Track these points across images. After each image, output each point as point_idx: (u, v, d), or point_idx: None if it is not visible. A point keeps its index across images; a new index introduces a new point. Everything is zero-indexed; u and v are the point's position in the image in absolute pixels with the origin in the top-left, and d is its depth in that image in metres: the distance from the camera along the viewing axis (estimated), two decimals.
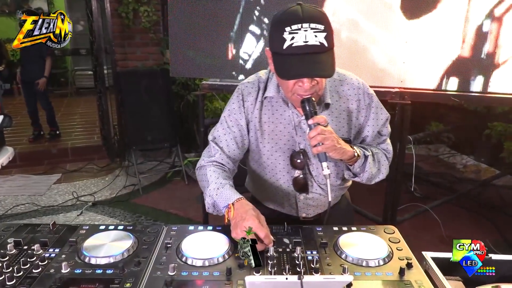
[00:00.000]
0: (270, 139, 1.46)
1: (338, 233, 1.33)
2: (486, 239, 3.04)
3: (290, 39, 1.18)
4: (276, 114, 1.44)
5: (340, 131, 1.44)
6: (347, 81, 1.44)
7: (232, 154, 1.46)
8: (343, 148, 1.30)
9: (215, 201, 1.33)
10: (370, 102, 1.45)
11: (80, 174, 4.69)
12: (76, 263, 1.16)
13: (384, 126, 1.50)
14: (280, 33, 1.20)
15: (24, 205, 3.85)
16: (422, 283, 1.09)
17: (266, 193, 1.57)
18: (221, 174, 1.39)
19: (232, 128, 1.46)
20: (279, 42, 1.20)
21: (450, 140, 5.09)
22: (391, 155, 1.52)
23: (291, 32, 1.18)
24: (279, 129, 1.45)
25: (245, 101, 1.45)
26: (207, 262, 1.16)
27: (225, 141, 1.46)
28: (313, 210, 1.55)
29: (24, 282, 1.08)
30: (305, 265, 1.16)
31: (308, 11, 1.21)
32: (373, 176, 1.44)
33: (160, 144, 4.49)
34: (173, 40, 2.83)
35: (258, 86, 1.45)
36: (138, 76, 4.35)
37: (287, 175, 1.49)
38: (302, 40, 1.17)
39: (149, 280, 1.10)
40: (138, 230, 1.34)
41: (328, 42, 1.20)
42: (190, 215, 3.64)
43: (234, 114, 1.46)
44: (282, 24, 1.20)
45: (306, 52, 1.18)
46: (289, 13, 1.22)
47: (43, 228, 1.36)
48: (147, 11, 4.61)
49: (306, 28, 1.17)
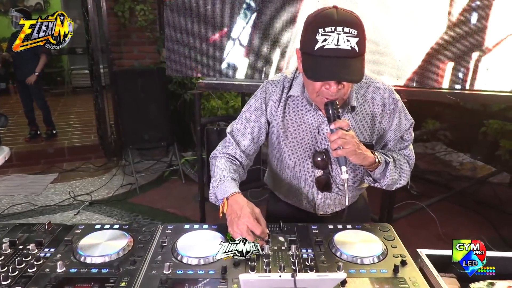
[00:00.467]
0: (292, 138, 1.47)
1: (333, 231, 1.33)
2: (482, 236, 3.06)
3: (322, 41, 1.17)
4: (299, 113, 1.44)
5: (363, 135, 1.43)
6: (374, 84, 1.43)
7: (247, 149, 1.48)
8: (364, 153, 1.29)
9: (215, 192, 1.36)
10: (395, 107, 1.44)
11: (77, 173, 4.68)
12: (72, 263, 1.16)
13: (407, 132, 1.48)
14: (312, 34, 1.19)
15: (20, 205, 3.84)
16: (416, 280, 1.10)
17: (285, 190, 1.59)
18: (227, 167, 1.40)
19: (250, 123, 1.47)
20: (310, 43, 1.19)
21: (446, 138, 5.11)
22: (413, 161, 1.50)
23: (323, 34, 1.17)
24: (302, 129, 1.45)
25: (268, 99, 1.45)
26: (202, 260, 1.16)
27: (242, 135, 1.47)
28: (330, 208, 1.57)
29: (19, 281, 1.08)
30: (300, 263, 1.16)
31: (343, 15, 1.20)
32: (394, 182, 1.43)
33: (157, 143, 4.49)
34: (169, 39, 2.82)
35: (283, 85, 1.45)
36: (135, 75, 4.34)
37: (307, 174, 1.50)
38: (334, 43, 1.16)
39: (144, 279, 1.10)
40: (133, 229, 1.35)
41: (359, 47, 1.18)
42: (187, 214, 3.64)
43: (254, 110, 1.47)
44: (316, 25, 1.19)
45: (336, 56, 1.17)
46: (324, 15, 1.21)
47: (39, 228, 1.36)
48: (143, 10, 4.61)
49: (339, 32, 1.16)
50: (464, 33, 2.51)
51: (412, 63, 2.62)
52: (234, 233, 1.23)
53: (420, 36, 2.57)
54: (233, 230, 1.23)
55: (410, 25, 2.56)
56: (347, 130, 1.26)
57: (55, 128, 5.52)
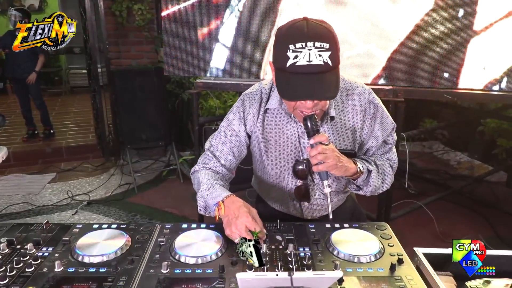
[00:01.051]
0: (274, 150, 1.46)
1: (330, 230, 1.34)
2: (479, 234, 3.07)
3: (293, 58, 1.14)
4: (279, 125, 1.43)
5: (344, 142, 1.43)
6: (353, 90, 1.41)
7: (228, 163, 1.47)
8: (345, 165, 1.29)
9: (206, 201, 1.35)
10: (376, 112, 1.42)
11: (74, 173, 4.67)
12: (69, 262, 1.17)
13: (389, 136, 1.47)
14: (283, 50, 1.16)
15: (18, 205, 3.83)
16: (412, 278, 1.10)
17: (272, 196, 1.59)
18: (212, 176, 1.41)
19: (230, 138, 1.46)
20: (282, 59, 1.17)
21: (444, 137, 5.13)
22: (396, 164, 1.50)
23: (294, 50, 1.14)
24: (283, 140, 1.44)
25: (247, 113, 1.43)
26: (200, 260, 1.17)
27: (221, 150, 1.46)
28: (318, 213, 1.57)
29: (17, 281, 1.08)
30: (297, 261, 1.17)
31: (314, 28, 1.17)
32: (377, 188, 1.43)
33: (155, 142, 4.48)
34: (167, 38, 2.82)
35: (261, 97, 1.43)
36: (132, 74, 4.33)
37: (291, 183, 1.49)
38: (306, 59, 1.14)
39: (142, 278, 1.10)
40: (131, 229, 1.35)
41: (332, 61, 1.16)
42: (186, 213, 3.64)
43: (233, 125, 1.45)
44: (286, 41, 1.16)
45: (309, 72, 1.15)
46: (294, 29, 1.18)
47: (36, 227, 1.37)
48: (141, 9, 4.60)
49: (310, 47, 1.13)
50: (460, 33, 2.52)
51: (410, 62, 2.63)
52: (232, 234, 1.22)
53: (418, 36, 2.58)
54: (231, 231, 1.22)
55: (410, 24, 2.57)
56: (327, 144, 1.25)
57: (52, 128, 5.50)
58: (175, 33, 2.77)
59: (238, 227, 1.21)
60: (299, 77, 1.16)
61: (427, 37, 2.56)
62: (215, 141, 1.48)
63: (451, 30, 2.53)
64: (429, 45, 2.57)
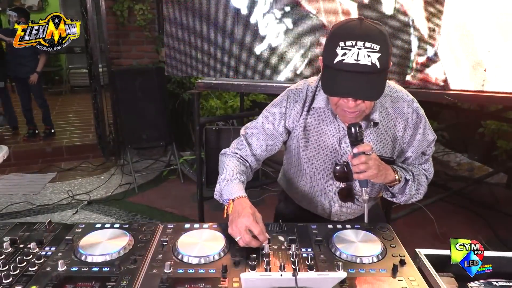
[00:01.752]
0: (312, 148, 1.46)
1: (332, 230, 1.34)
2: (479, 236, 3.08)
3: (341, 55, 1.15)
4: (322, 124, 1.42)
5: (384, 149, 1.43)
6: (398, 98, 1.41)
7: (259, 154, 1.48)
8: (385, 173, 1.30)
9: (222, 191, 1.36)
10: (418, 122, 1.42)
11: (75, 172, 4.67)
12: (72, 261, 1.17)
13: (429, 147, 1.47)
14: (333, 46, 1.17)
15: (19, 204, 3.83)
16: (414, 279, 1.11)
17: (300, 195, 1.59)
18: (237, 167, 1.40)
19: (267, 130, 1.46)
20: (330, 55, 1.18)
21: (444, 138, 5.13)
22: (431, 176, 1.51)
23: (344, 47, 1.15)
24: (323, 140, 1.44)
25: (290, 109, 1.43)
26: (203, 259, 1.17)
27: (255, 139, 1.47)
28: (345, 216, 1.58)
29: (21, 280, 1.08)
30: (299, 262, 1.17)
31: (367, 29, 1.17)
32: (411, 197, 1.44)
33: (155, 142, 4.48)
34: (168, 38, 2.82)
35: (306, 94, 1.42)
36: (133, 74, 4.34)
37: (325, 184, 1.50)
38: (354, 58, 1.14)
39: (145, 278, 1.10)
40: (134, 228, 1.35)
41: (381, 63, 1.15)
42: (186, 213, 3.65)
43: (273, 118, 1.45)
44: (337, 38, 1.17)
45: (355, 71, 1.15)
46: (347, 27, 1.19)
47: (39, 227, 1.37)
48: (142, 9, 4.60)
49: (360, 46, 1.14)
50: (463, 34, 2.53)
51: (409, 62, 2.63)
52: (233, 232, 1.23)
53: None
54: (232, 229, 1.24)
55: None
56: (370, 153, 1.25)
57: (53, 127, 5.50)
58: (177, 33, 2.77)
59: (238, 226, 1.22)
60: (344, 74, 1.16)
61: None
62: (251, 129, 1.49)
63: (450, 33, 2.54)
64: None
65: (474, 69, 2.55)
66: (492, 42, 2.49)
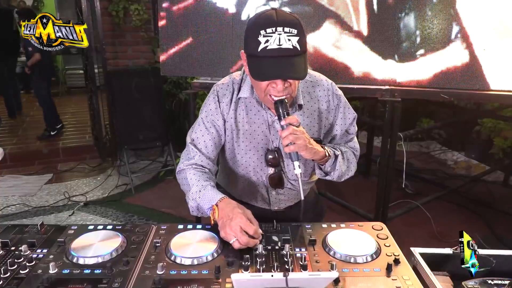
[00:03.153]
0: (244, 138, 1.49)
1: (326, 230, 1.34)
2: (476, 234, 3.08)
3: (264, 42, 1.21)
4: (250, 114, 1.47)
5: (311, 131, 1.49)
6: (318, 82, 1.50)
7: (211, 154, 1.50)
8: (315, 148, 1.34)
9: (198, 203, 1.36)
10: (339, 103, 1.51)
11: (71, 174, 4.66)
12: (64, 264, 1.16)
13: (351, 125, 1.56)
14: (255, 36, 1.23)
15: (15, 206, 3.82)
16: (409, 278, 1.10)
17: (239, 189, 1.62)
18: (201, 176, 1.42)
19: (210, 129, 1.49)
20: (254, 45, 1.23)
21: (441, 136, 5.14)
22: (358, 153, 1.59)
23: (265, 35, 1.21)
24: (253, 129, 1.48)
25: (221, 102, 1.48)
26: (196, 260, 1.16)
27: (203, 142, 1.49)
28: (284, 203, 1.62)
29: (12, 283, 1.07)
30: (293, 262, 1.16)
31: (283, 16, 1.25)
32: (343, 174, 1.49)
33: (152, 143, 4.47)
34: (163, 39, 2.82)
35: (233, 87, 1.48)
36: (129, 75, 4.33)
37: (260, 172, 1.53)
38: (276, 43, 1.21)
39: (137, 279, 1.09)
40: (127, 230, 1.34)
41: (301, 46, 1.23)
42: (183, 214, 3.63)
43: (211, 115, 1.49)
44: (257, 27, 1.23)
45: (280, 55, 1.21)
46: (264, 17, 1.25)
47: (31, 229, 1.36)
48: (137, 10, 4.59)
49: (280, 32, 1.21)
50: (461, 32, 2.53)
51: (407, 62, 2.63)
52: (227, 235, 1.22)
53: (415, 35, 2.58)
54: (226, 233, 1.23)
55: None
56: (297, 126, 1.30)
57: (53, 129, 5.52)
58: (172, 33, 2.76)
59: (233, 229, 1.22)
60: (270, 60, 1.23)
61: None
62: (195, 134, 1.50)
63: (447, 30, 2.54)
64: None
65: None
66: (487, 40, 2.50)
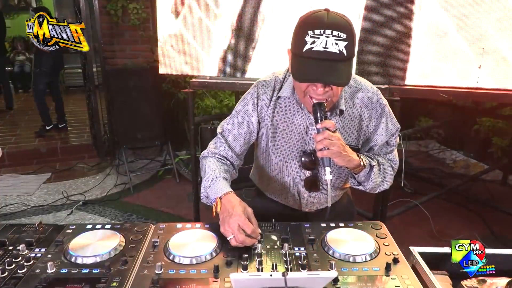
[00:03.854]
0: (280, 138, 1.47)
1: (325, 229, 1.33)
2: (474, 233, 3.09)
3: (310, 43, 1.18)
4: (289, 114, 1.45)
5: (349, 138, 1.45)
6: (362, 89, 1.44)
7: (238, 149, 1.49)
8: (349, 156, 1.30)
9: (207, 192, 1.37)
10: (382, 112, 1.45)
11: (70, 173, 4.65)
12: (62, 263, 1.15)
13: (393, 137, 1.49)
14: (302, 35, 1.20)
15: (13, 205, 3.81)
16: (408, 278, 1.10)
17: (271, 187, 1.60)
18: (219, 167, 1.42)
19: (241, 124, 1.47)
20: (299, 44, 1.20)
21: (439, 135, 5.14)
22: (397, 166, 1.53)
23: (312, 36, 1.18)
24: (291, 129, 1.46)
25: (260, 100, 1.45)
26: (194, 260, 1.16)
27: (232, 135, 1.48)
28: (315, 206, 1.59)
29: (9, 282, 1.07)
30: (292, 261, 1.16)
31: (333, 18, 1.21)
32: (377, 186, 1.44)
33: (150, 142, 4.46)
34: (162, 37, 2.81)
35: (274, 85, 1.45)
36: (128, 74, 4.32)
37: (294, 173, 1.51)
38: (322, 45, 1.17)
39: (135, 279, 1.09)
40: (125, 229, 1.34)
41: (348, 51, 1.19)
42: (182, 213, 3.63)
43: (246, 110, 1.47)
44: (305, 27, 1.20)
45: (324, 58, 1.18)
46: (314, 17, 1.22)
47: (29, 228, 1.35)
48: (136, 8, 4.58)
49: (328, 35, 1.17)
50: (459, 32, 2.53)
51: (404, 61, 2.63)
52: (225, 232, 1.23)
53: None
54: (225, 229, 1.24)
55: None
56: (334, 131, 1.27)
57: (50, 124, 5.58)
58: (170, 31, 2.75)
59: (231, 226, 1.22)
60: (314, 62, 1.19)
61: None
62: (227, 126, 1.50)
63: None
64: None
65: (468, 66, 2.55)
66: (486, 39, 2.49)
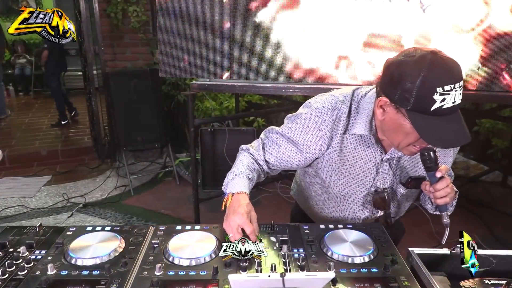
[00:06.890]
0: (347, 174, 1.39)
1: (324, 230, 1.34)
2: (474, 234, 3.08)
3: (440, 101, 1.06)
4: (358, 149, 1.34)
5: (421, 169, 1.37)
6: None
7: (272, 166, 1.43)
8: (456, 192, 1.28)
9: (227, 184, 1.36)
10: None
11: (70, 175, 4.65)
12: (63, 265, 1.16)
13: (450, 166, 1.46)
14: (429, 93, 1.06)
15: (13, 208, 3.81)
16: (406, 279, 1.10)
17: (321, 215, 1.55)
18: (248, 165, 1.38)
19: (285, 150, 1.38)
20: (425, 102, 1.07)
21: None
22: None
23: (442, 93, 1.05)
24: (359, 165, 1.37)
25: (320, 130, 1.32)
26: (193, 261, 1.16)
27: (272, 149, 1.40)
28: None
29: (10, 284, 1.07)
30: (291, 263, 1.16)
31: (455, 66, 1.09)
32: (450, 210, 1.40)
33: (150, 144, 4.47)
34: (162, 40, 2.82)
35: (338, 117, 1.31)
36: (128, 76, 4.32)
37: (355, 208, 1.47)
38: (452, 101, 1.07)
39: (135, 280, 1.10)
40: (125, 231, 1.34)
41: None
42: (182, 215, 3.64)
43: (304, 139, 1.34)
44: (433, 83, 1.06)
45: (451, 113, 1.10)
46: (440, 69, 1.07)
47: (30, 230, 1.35)
48: (136, 11, 4.60)
49: (456, 89, 1.07)
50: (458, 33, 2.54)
51: None
52: (226, 228, 1.25)
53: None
54: (226, 225, 1.26)
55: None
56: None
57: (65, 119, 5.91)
58: (170, 34, 2.76)
59: (231, 224, 1.23)
60: (443, 120, 1.09)
61: None
62: (271, 139, 1.40)
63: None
64: None
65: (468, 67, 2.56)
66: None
